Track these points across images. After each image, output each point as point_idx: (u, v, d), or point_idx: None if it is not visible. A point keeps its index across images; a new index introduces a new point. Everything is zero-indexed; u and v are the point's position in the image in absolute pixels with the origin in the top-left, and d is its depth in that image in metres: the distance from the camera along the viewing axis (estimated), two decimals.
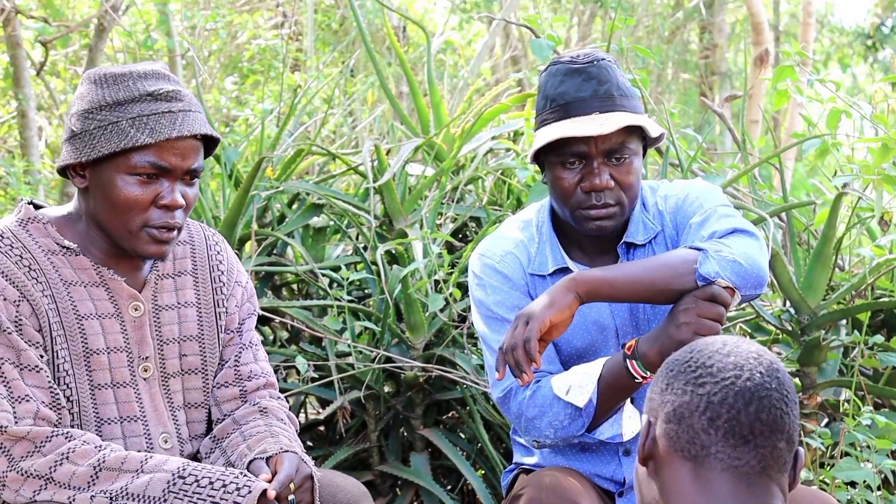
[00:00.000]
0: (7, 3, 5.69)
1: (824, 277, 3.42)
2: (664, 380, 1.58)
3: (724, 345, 1.57)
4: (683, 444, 1.53)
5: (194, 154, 2.20)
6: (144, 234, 2.20)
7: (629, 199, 2.41)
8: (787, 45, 4.04)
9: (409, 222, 3.78)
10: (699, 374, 1.54)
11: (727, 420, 1.51)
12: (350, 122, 6.23)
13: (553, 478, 2.35)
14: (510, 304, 2.46)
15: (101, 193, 2.19)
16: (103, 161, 2.17)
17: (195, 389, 2.35)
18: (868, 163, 3.32)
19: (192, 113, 2.19)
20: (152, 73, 2.20)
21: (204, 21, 7.00)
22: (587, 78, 2.39)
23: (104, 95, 2.17)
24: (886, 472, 3.01)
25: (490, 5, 9.40)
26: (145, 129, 2.14)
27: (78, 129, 2.18)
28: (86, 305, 2.22)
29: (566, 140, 2.37)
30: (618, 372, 2.32)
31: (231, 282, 2.42)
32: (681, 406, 1.54)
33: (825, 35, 13.79)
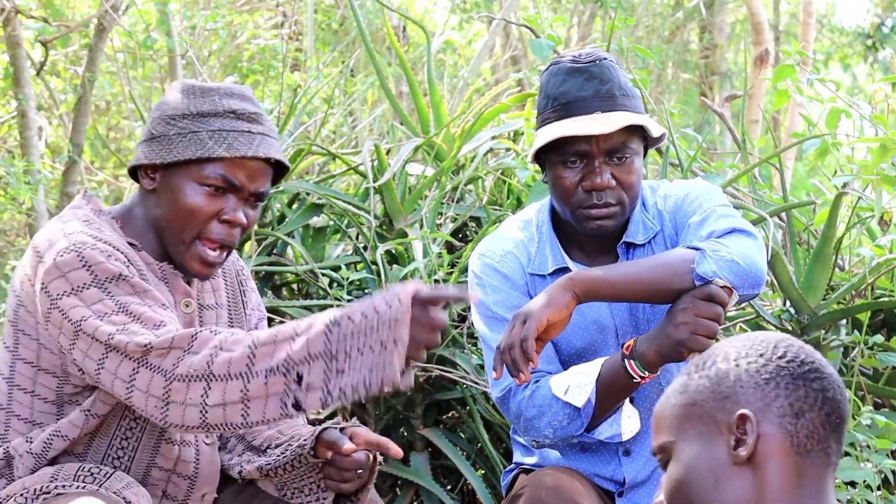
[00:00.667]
0: (7, 3, 5.69)
1: (824, 277, 3.42)
2: (758, 374, 1.55)
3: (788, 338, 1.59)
4: (803, 438, 1.53)
5: (263, 177, 2.25)
6: (196, 250, 2.23)
7: (630, 199, 2.42)
8: (787, 45, 4.04)
9: (409, 222, 3.78)
10: (806, 369, 1.55)
11: (838, 415, 1.55)
12: (350, 122, 6.23)
13: (553, 477, 2.35)
14: (510, 304, 2.46)
15: (168, 197, 2.23)
16: (177, 167, 2.21)
17: None
18: (868, 163, 3.32)
19: (269, 138, 2.25)
20: (239, 94, 2.26)
21: (204, 21, 7.00)
22: (589, 77, 2.40)
23: (189, 105, 2.23)
24: (886, 472, 3.01)
25: (490, 5, 9.40)
26: (223, 143, 2.20)
27: (158, 132, 2.23)
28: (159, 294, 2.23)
29: (567, 139, 2.37)
30: (616, 372, 2.32)
31: (249, 287, 2.48)
32: (798, 400, 1.54)
33: (825, 35, 13.79)
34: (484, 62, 8.21)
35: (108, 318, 2.07)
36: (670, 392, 1.63)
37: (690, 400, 1.59)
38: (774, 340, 1.58)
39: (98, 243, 2.15)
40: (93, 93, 6.19)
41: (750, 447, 1.53)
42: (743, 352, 1.58)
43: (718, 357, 1.60)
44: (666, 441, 1.61)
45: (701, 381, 1.59)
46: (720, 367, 1.58)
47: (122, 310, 2.09)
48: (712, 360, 1.60)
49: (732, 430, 1.54)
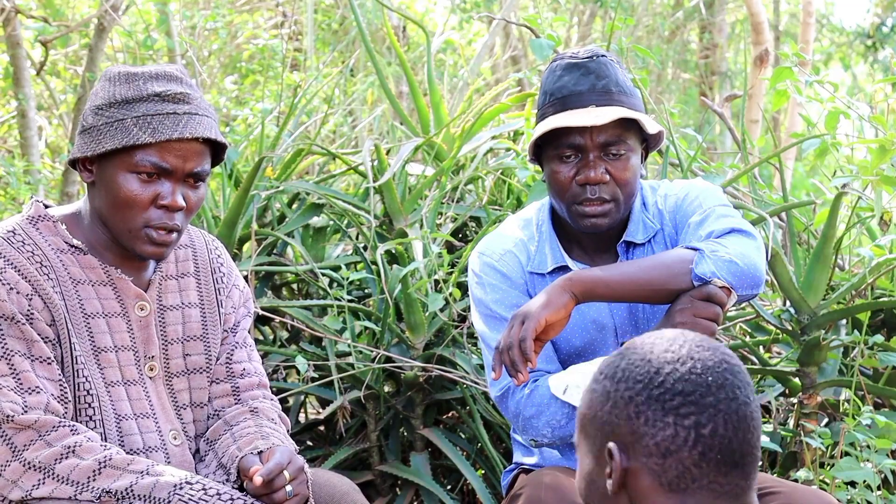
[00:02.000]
0: (7, 3, 5.69)
1: (824, 277, 3.42)
2: (630, 405, 1.47)
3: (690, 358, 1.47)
4: (671, 478, 1.45)
5: (197, 157, 2.21)
6: (143, 234, 2.21)
7: (625, 196, 2.41)
8: (786, 45, 4.04)
9: (409, 222, 3.78)
10: (678, 402, 1.45)
11: (719, 451, 1.45)
12: (350, 121, 6.23)
13: (553, 477, 2.35)
14: (509, 303, 2.46)
15: (104, 189, 2.22)
16: (108, 157, 2.20)
17: (201, 389, 2.36)
18: (867, 163, 3.32)
19: (197, 116, 2.21)
20: (164, 75, 2.23)
21: (204, 21, 7.00)
22: (586, 73, 2.40)
23: (114, 93, 2.21)
24: (886, 471, 3.01)
25: (490, 5, 9.39)
26: (147, 129, 2.17)
27: (88, 123, 2.22)
28: (92, 304, 2.23)
29: (562, 132, 2.38)
30: None
31: (230, 285, 2.44)
32: (665, 440, 1.45)
33: (825, 35, 13.78)
34: (484, 62, 8.21)
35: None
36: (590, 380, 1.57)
37: (583, 411, 1.54)
38: (661, 362, 1.48)
39: (4, 272, 2.15)
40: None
41: (616, 483, 1.48)
42: (628, 371, 1.49)
43: (610, 367, 1.52)
44: (575, 439, 1.58)
45: (593, 395, 1.52)
46: (606, 386, 1.50)
47: (4, 356, 2.13)
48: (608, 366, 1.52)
49: (606, 460, 1.49)
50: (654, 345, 1.50)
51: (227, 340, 2.41)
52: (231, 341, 2.41)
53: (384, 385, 3.60)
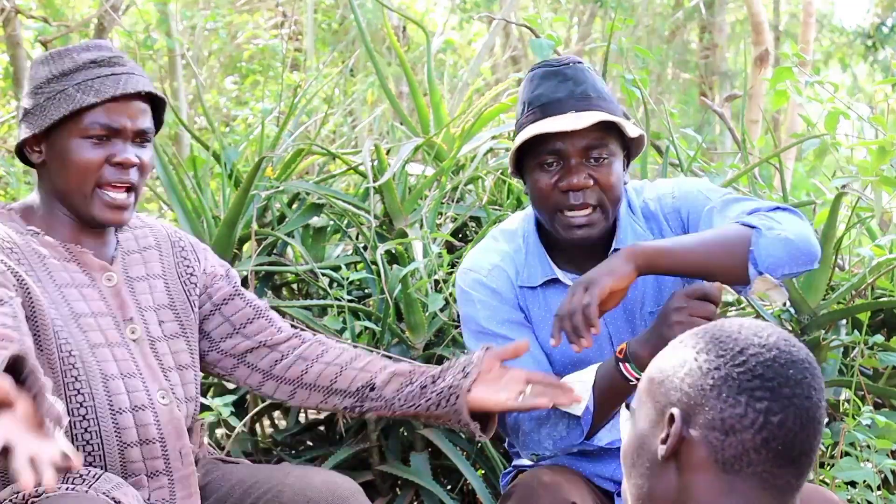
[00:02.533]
0: (7, 3, 5.69)
1: (824, 277, 3.42)
2: (706, 377, 1.47)
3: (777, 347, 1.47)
4: (728, 457, 1.45)
5: (142, 115, 2.29)
6: (98, 198, 2.26)
7: (610, 201, 2.38)
8: (786, 45, 4.04)
9: (409, 222, 3.78)
10: (755, 385, 1.44)
11: (782, 442, 1.44)
12: (350, 121, 6.24)
13: (549, 475, 2.35)
14: (500, 319, 2.45)
15: (57, 162, 2.27)
16: (56, 129, 2.25)
17: (182, 351, 2.39)
18: (867, 163, 3.32)
19: (135, 76, 2.29)
20: (94, 45, 2.31)
21: (204, 21, 7.00)
22: (563, 79, 2.39)
23: (50, 70, 2.28)
24: (886, 471, 3.01)
25: (490, 5, 9.40)
26: (90, 91, 2.24)
27: (30, 105, 2.28)
28: (61, 276, 2.26)
29: (543, 139, 2.36)
30: (611, 376, 2.31)
31: (198, 252, 2.49)
32: (731, 417, 1.44)
33: (825, 35, 13.79)
34: (484, 62, 8.21)
35: None
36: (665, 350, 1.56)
37: (652, 374, 1.53)
38: (747, 343, 1.47)
39: None
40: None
41: (669, 449, 1.47)
42: (710, 344, 1.48)
43: (695, 338, 1.52)
44: (633, 406, 1.58)
45: (665, 361, 1.53)
46: (685, 354, 1.50)
47: None
48: (691, 337, 1.53)
49: (665, 425, 1.49)
50: (742, 326, 1.50)
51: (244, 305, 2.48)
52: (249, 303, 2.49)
53: None
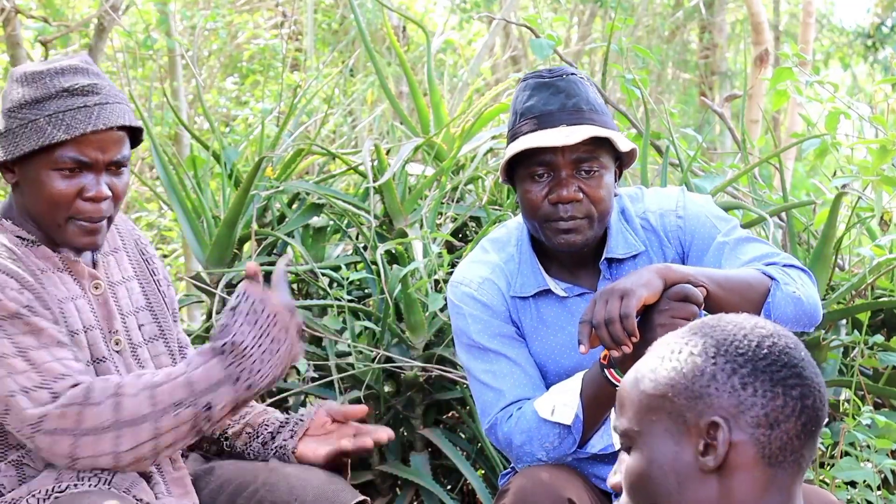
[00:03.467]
0: (7, 3, 5.69)
1: (824, 277, 3.42)
2: (734, 377, 1.45)
3: (779, 333, 1.49)
4: (774, 450, 1.45)
5: (116, 146, 2.24)
6: (73, 227, 2.24)
7: (599, 214, 2.38)
8: (786, 45, 4.02)
9: (409, 222, 3.77)
10: (784, 374, 1.45)
11: (815, 423, 1.46)
12: (350, 121, 6.24)
13: (547, 473, 2.35)
14: (492, 332, 2.44)
15: (28, 189, 2.24)
16: (28, 158, 2.22)
17: (162, 354, 2.39)
18: (867, 163, 3.32)
19: (108, 105, 2.22)
20: (70, 69, 2.24)
21: (204, 21, 6.99)
22: (556, 91, 2.39)
23: (24, 94, 2.23)
24: (886, 471, 3.01)
25: (490, 5, 9.40)
26: (61, 126, 2.19)
27: (3, 127, 2.24)
28: (60, 290, 2.26)
29: (534, 152, 2.35)
30: (598, 383, 2.30)
31: (152, 255, 2.49)
32: (775, 410, 1.44)
33: (825, 35, 13.78)
34: (484, 62, 8.21)
35: (8, 362, 2.12)
36: (639, 373, 1.52)
37: (661, 391, 1.48)
38: (758, 336, 1.47)
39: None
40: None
41: (720, 457, 1.44)
42: (723, 346, 1.47)
43: (695, 343, 1.49)
44: (630, 428, 1.52)
45: (673, 374, 1.48)
46: (696, 362, 1.47)
47: (21, 354, 2.13)
48: (688, 343, 1.49)
49: (702, 435, 1.45)
50: (737, 322, 1.50)
51: None
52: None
53: (384, 385, 3.60)
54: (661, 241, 2.48)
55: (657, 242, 2.48)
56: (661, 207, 2.50)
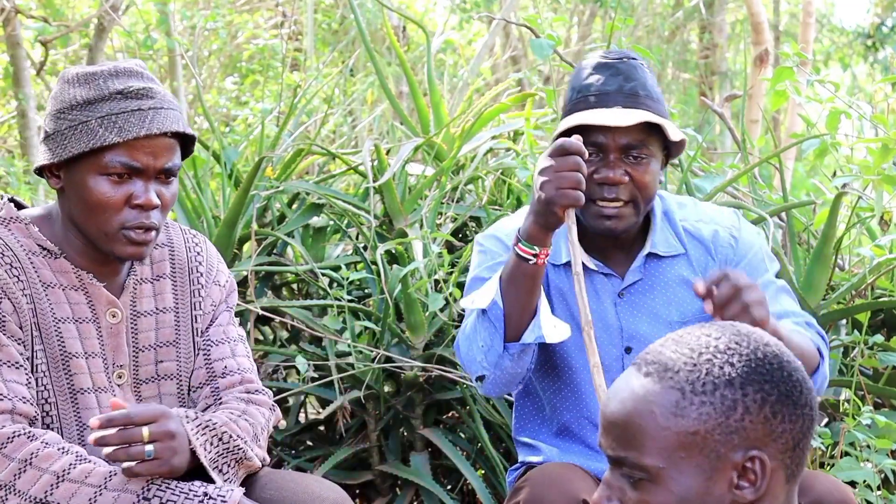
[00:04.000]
0: (7, 3, 5.69)
1: (824, 277, 3.42)
2: (765, 407, 1.44)
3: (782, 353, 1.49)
4: (794, 469, 1.47)
5: (168, 153, 2.16)
6: (121, 236, 2.16)
7: (643, 200, 2.41)
8: (786, 45, 4.02)
9: (409, 222, 3.77)
10: (801, 391, 1.47)
11: (811, 435, 1.49)
12: (350, 121, 6.24)
13: (560, 472, 2.35)
14: (496, 265, 2.44)
15: (75, 194, 2.16)
16: (76, 161, 2.14)
17: (170, 395, 2.30)
18: (868, 163, 3.32)
19: (163, 111, 2.15)
20: (124, 71, 2.17)
21: (204, 21, 6.99)
22: (615, 73, 2.40)
23: (75, 95, 2.15)
24: (886, 471, 3.01)
25: (490, 5, 9.40)
26: (113, 128, 2.11)
27: (51, 129, 2.16)
28: (63, 309, 2.19)
29: (585, 129, 2.37)
30: (511, 263, 2.31)
31: (209, 283, 2.37)
32: (797, 432, 1.46)
33: (825, 35, 13.78)
34: (484, 62, 8.21)
35: None
36: (657, 405, 1.46)
37: (692, 428, 1.45)
38: (772, 354, 1.47)
39: None
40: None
41: (761, 490, 1.45)
42: (747, 372, 1.45)
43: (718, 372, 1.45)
44: (652, 465, 1.46)
45: (704, 409, 1.44)
46: (727, 396, 1.44)
47: None
48: (710, 374, 1.45)
49: (737, 468, 1.44)
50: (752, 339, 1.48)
51: (205, 339, 2.34)
52: (209, 340, 2.34)
53: (384, 385, 3.60)
54: (709, 250, 2.50)
55: (702, 251, 2.50)
56: (716, 222, 2.53)
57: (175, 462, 2.07)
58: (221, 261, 2.43)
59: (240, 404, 2.28)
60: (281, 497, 2.23)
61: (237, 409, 2.26)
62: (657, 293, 2.49)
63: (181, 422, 2.11)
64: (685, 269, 2.49)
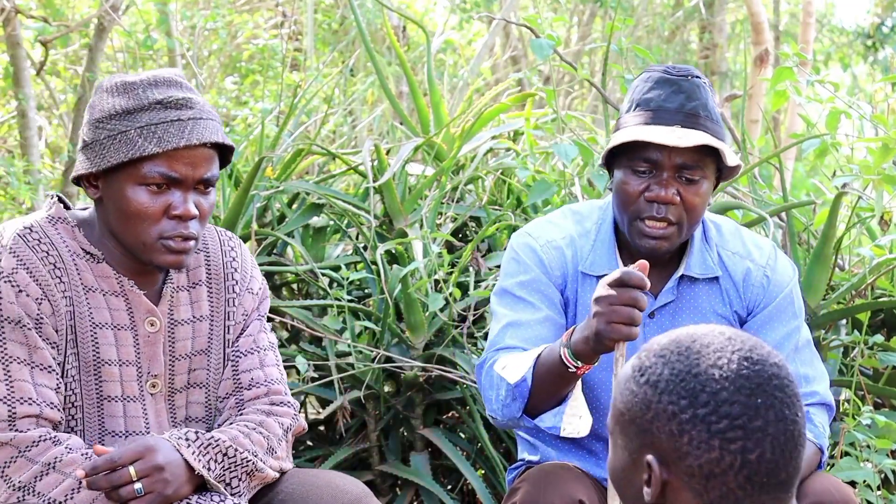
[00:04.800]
0: (7, 3, 5.69)
1: (824, 277, 3.42)
2: (673, 422, 1.42)
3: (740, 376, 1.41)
4: (714, 498, 1.41)
5: (206, 163, 2.16)
6: (160, 246, 2.15)
7: (690, 222, 2.39)
8: (786, 45, 4.02)
9: (409, 222, 3.78)
10: (724, 426, 1.40)
11: (766, 475, 1.40)
12: (350, 121, 6.23)
13: (558, 472, 2.34)
14: (534, 289, 2.45)
15: (113, 204, 2.16)
16: (114, 171, 2.13)
17: (197, 404, 2.31)
18: (868, 162, 3.32)
19: (202, 121, 2.14)
20: (163, 81, 2.16)
21: (204, 21, 6.99)
22: (678, 90, 2.38)
23: (114, 104, 2.14)
24: (886, 471, 3.01)
25: (490, 5, 9.40)
26: (153, 138, 2.10)
27: (89, 138, 2.15)
28: (102, 314, 2.19)
29: (641, 145, 2.35)
30: (554, 358, 2.28)
31: (243, 291, 2.36)
32: (709, 463, 1.40)
33: (825, 35, 13.78)
34: (484, 62, 8.20)
35: None
36: (619, 377, 1.52)
37: (624, 407, 1.48)
38: (706, 378, 1.42)
39: (16, 273, 2.11)
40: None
41: (654, 495, 1.43)
42: (671, 383, 1.43)
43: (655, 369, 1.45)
44: (609, 425, 1.53)
45: (634, 397, 1.46)
46: (647, 394, 1.44)
47: (2, 361, 2.09)
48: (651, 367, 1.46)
49: (643, 467, 1.45)
50: (700, 355, 1.44)
51: (234, 349, 2.34)
52: (238, 350, 2.34)
53: (384, 385, 3.60)
54: (737, 287, 2.49)
55: (732, 285, 2.49)
56: (751, 258, 2.51)
57: (169, 492, 2.09)
58: (255, 265, 2.43)
59: (258, 416, 2.28)
60: (304, 491, 2.25)
61: (253, 422, 2.27)
62: (687, 315, 2.47)
63: (175, 446, 2.12)
64: (716, 295, 2.48)
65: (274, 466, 2.26)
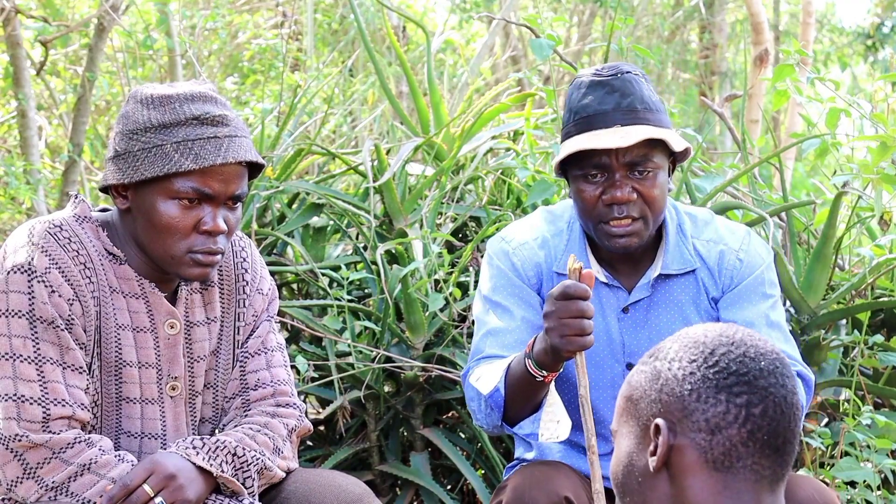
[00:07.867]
0: (7, 3, 5.69)
1: (824, 277, 3.42)
2: (683, 383, 1.50)
3: (744, 343, 1.51)
4: (717, 455, 1.48)
5: (238, 180, 2.16)
6: (188, 259, 2.16)
7: (654, 213, 2.39)
8: (786, 45, 4.02)
9: (409, 222, 3.78)
10: (731, 381, 1.48)
11: (766, 432, 1.48)
12: (350, 121, 6.23)
13: (544, 470, 2.35)
14: (509, 293, 2.46)
15: (142, 216, 2.16)
16: (146, 183, 2.14)
17: (206, 405, 2.33)
18: (868, 162, 3.32)
19: (237, 139, 2.15)
20: (199, 96, 2.16)
21: (204, 21, 6.99)
22: (610, 91, 2.38)
23: (149, 117, 2.13)
24: (886, 471, 3.01)
25: (490, 5, 9.40)
26: (189, 155, 2.11)
27: (122, 149, 2.15)
28: (123, 315, 2.20)
29: (587, 152, 2.35)
30: (521, 368, 2.30)
31: (253, 292, 2.37)
32: (715, 416, 1.47)
33: (825, 35, 13.78)
34: (484, 62, 8.20)
35: (18, 363, 2.09)
36: (627, 380, 1.59)
37: (628, 393, 1.56)
38: (715, 344, 1.51)
39: (49, 273, 2.11)
40: (93, 93, 6.18)
41: (660, 459, 1.49)
42: (680, 352, 1.52)
43: (666, 349, 1.55)
44: (613, 428, 1.60)
45: (641, 377, 1.55)
46: (656, 366, 1.53)
47: (36, 361, 2.10)
48: (664, 345, 1.56)
49: (651, 437, 1.51)
50: (707, 330, 1.54)
51: (243, 350, 2.35)
52: (245, 351, 2.35)
53: (384, 385, 3.60)
54: (712, 272, 2.49)
55: (707, 272, 2.49)
56: (725, 242, 2.51)
57: (190, 495, 2.12)
58: (264, 266, 2.44)
59: (262, 418, 2.30)
60: (306, 490, 2.26)
61: (258, 424, 2.28)
62: (662, 310, 2.48)
63: (184, 456, 2.14)
64: (692, 288, 2.48)
65: (281, 466, 2.27)
